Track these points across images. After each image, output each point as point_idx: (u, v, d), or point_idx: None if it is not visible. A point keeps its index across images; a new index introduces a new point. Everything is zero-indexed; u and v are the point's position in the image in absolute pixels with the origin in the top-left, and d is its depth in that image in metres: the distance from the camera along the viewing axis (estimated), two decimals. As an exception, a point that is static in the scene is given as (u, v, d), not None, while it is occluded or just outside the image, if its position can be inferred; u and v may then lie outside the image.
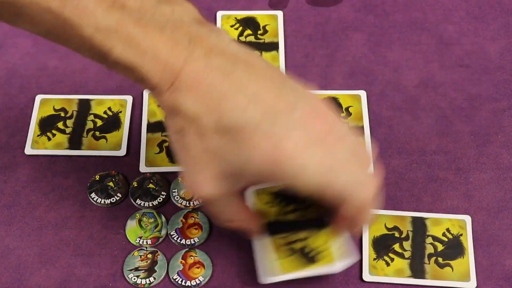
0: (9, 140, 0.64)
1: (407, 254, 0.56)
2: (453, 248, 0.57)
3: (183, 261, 0.57)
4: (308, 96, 0.47)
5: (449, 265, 0.55)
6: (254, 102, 0.45)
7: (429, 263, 0.56)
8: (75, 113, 0.65)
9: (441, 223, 0.58)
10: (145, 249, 0.58)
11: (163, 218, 0.59)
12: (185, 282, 0.56)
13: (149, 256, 0.57)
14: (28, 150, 0.63)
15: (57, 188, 0.61)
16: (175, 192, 0.60)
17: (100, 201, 0.60)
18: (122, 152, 0.63)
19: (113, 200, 0.60)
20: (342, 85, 0.67)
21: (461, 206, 0.60)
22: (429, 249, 0.56)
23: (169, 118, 0.47)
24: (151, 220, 0.59)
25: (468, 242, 0.57)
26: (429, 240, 0.56)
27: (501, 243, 0.58)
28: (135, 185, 0.61)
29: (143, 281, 0.56)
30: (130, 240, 0.58)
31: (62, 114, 0.65)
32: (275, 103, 0.45)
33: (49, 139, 0.63)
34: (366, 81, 0.67)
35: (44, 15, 0.43)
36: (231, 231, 0.58)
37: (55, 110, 0.65)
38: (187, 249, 0.57)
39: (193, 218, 0.59)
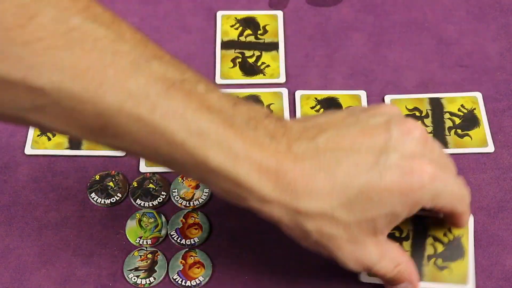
0: (9, 140, 0.64)
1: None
2: (452, 250, 0.57)
3: (183, 261, 0.57)
4: (386, 112, 0.48)
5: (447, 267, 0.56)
6: (357, 156, 0.44)
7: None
8: (75, 113, 0.65)
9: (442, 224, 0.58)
10: (145, 249, 0.58)
11: (163, 218, 0.59)
12: (185, 282, 0.56)
13: (149, 256, 0.57)
14: (28, 150, 0.63)
15: (57, 188, 0.61)
16: (175, 192, 0.60)
17: (100, 201, 0.60)
18: (122, 152, 0.63)
19: (113, 200, 0.60)
20: (342, 85, 0.67)
21: (461, 206, 0.60)
22: (429, 250, 0.56)
23: (294, 225, 0.45)
24: (151, 220, 0.59)
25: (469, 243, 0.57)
26: (430, 240, 0.57)
27: (501, 243, 0.58)
28: (135, 185, 0.61)
29: (143, 281, 0.56)
30: (130, 240, 0.58)
31: (62, 114, 0.65)
32: (371, 142, 0.45)
33: (49, 139, 0.63)
34: (366, 81, 0.67)
35: (133, 123, 0.41)
36: (231, 231, 0.58)
37: (55, 110, 0.65)
38: (187, 249, 0.57)
39: (193, 218, 0.59)
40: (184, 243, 0.58)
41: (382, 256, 0.48)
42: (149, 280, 0.56)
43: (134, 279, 0.56)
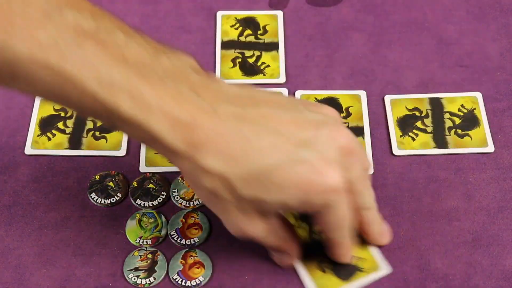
0: (9, 140, 0.64)
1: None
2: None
3: (183, 261, 0.57)
4: (324, 113, 0.48)
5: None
6: (278, 138, 0.44)
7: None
8: (75, 113, 0.65)
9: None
10: (145, 249, 0.58)
11: (163, 218, 0.59)
12: (185, 282, 0.56)
13: (149, 256, 0.57)
14: (28, 150, 0.63)
15: (57, 188, 0.61)
16: (175, 192, 0.60)
17: (100, 201, 0.60)
18: (122, 152, 0.63)
19: (113, 200, 0.60)
20: (342, 85, 0.67)
21: (461, 206, 0.60)
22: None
23: (194, 179, 0.45)
24: (151, 220, 0.59)
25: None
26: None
27: (501, 243, 0.58)
28: (135, 185, 0.61)
29: (143, 281, 0.56)
30: (130, 240, 0.58)
31: (62, 114, 0.65)
32: (297, 132, 0.45)
33: (49, 139, 0.63)
34: (366, 81, 0.67)
35: (43, 72, 0.41)
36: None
37: (55, 110, 0.65)
38: (187, 249, 0.57)
39: (193, 218, 0.59)
40: (184, 243, 0.58)
41: (269, 232, 0.48)
42: (149, 280, 0.56)
43: (134, 279, 0.56)
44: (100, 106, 0.42)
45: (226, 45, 0.70)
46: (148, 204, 0.60)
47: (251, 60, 0.69)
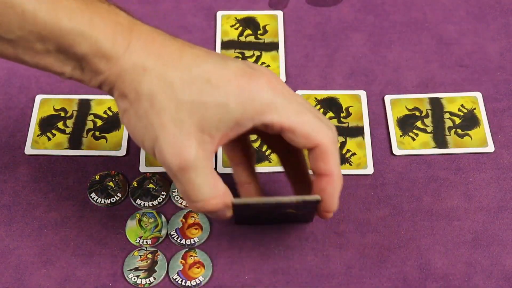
0: (9, 140, 0.64)
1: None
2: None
3: (183, 261, 0.57)
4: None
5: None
6: (209, 52, 0.46)
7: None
8: (75, 113, 0.65)
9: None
10: (145, 249, 0.58)
11: (163, 218, 0.59)
12: (185, 282, 0.56)
13: (149, 256, 0.57)
14: (28, 150, 0.63)
15: (57, 188, 0.61)
16: (175, 192, 0.60)
17: (100, 201, 0.60)
18: (122, 152, 0.63)
19: (113, 200, 0.60)
20: (342, 85, 0.67)
21: (461, 206, 0.60)
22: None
23: (132, 89, 0.44)
24: (151, 220, 0.59)
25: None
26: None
27: (501, 243, 0.58)
28: (135, 185, 0.61)
29: (143, 281, 0.56)
30: (130, 240, 0.58)
31: (62, 114, 0.65)
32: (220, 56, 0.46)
33: (49, 139, 0.63)
34: (366, 81, 0.67)
35: None
36: (231, 231, 0.58)
37: (55, 110, 0.65)
38: (187, 249, 0.57)
39: (193, 218, 0.59)
40: (184, 243, 0.58)
41: (204, 161, 0.45)
42: (149, 280, 0.56)
43: (134, 279, 0.56)
44: (42, 26, 0.43)
45: (226, 45, 0.70)
46: (148, 204, 0.60)
47: (251, 60, 0.69)
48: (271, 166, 0.62)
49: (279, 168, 0.60)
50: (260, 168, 0.62)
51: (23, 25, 0.43)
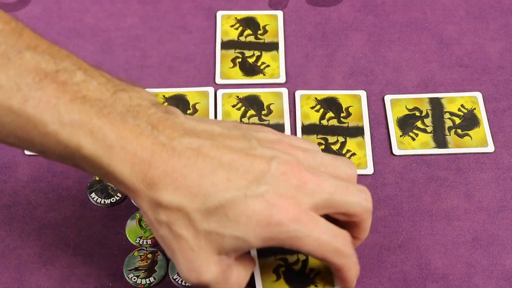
0: (9, 140, 0.64)
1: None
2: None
3: (183, 261, 0.57)
4: (278, 141, 0.48)
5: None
6: (232, 173, 0.44)
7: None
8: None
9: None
10: (145, 249, 0.58)
11: (163, 218, 0.59)
12: (185, 282, 0.56)
13: (149, 256, 0.57)
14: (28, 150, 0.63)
15: (57, 188, 0.61)
16: (175, 192, 0.60)
17: (100, 201, 0.60)
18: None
19: (113, 200, 0.60)
20: (342, 85, 0.67)
21: (461, 206, 0.60)
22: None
23: (152, 216, 0.45)
24: (151, 220, 0.59)
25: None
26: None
27: (501, 243, 0.58)
28: (135, 185, 0.61)
29: (143, 281, 0.56)
30: (130, 240, 0.58)
31: (62, 114, 0.65)
32: (252, 166, 0.45)
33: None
34: (366, 81, 0.67)
35: (5, 115, 0.42)
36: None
37: (55, 110, 0.65)
38: (187, 249, 0.57)
39: (193, 218, 0.59)
40: (184, 243, 0.58)
41: (222, 278, 0.46)
42: (149, 280, 0.56)
43: (134, 279, 0.56)
44: (63, 147, 0.43)
45: (226, 45, 0.70)
46: (148, 204, 0.60)
47: (251, 60, 0.69)
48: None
49: None
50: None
51: (44, 143, 0.43)
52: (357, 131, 0.64)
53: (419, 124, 0.64)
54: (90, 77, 0.44)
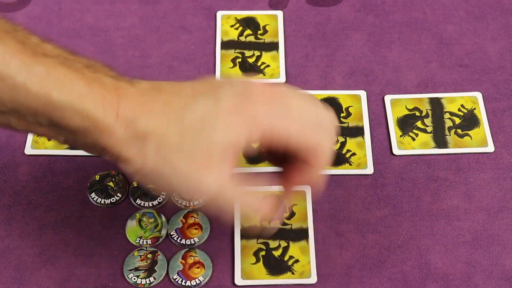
0: (9, 140, 0.64)
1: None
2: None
3: (183, 261, 0.57)
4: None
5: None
6: (197, 91, 0.46)
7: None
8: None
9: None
10: (145, 249, 0.58)
11: (163, 218, 0.59)
12: (185, 282, 0.56)
13: (149, 256, 0.57)
14: (28, 150, 0.63)
15: (57, 188, 0.61)
16: (175, 192, 0.60)
17: (100, 201, 0.60)
18: None
19: (113, 200, 0.60)
20: (342, 85, 0.67)
21: (461, 206, 0.60)
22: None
23: (135, 152, 0.45)
24: (151, 220, 0.59)
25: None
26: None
27: (501, 243, 0.58)
28: (135, 185, 0.61)
29: (143, 281, 0.56)
30: (130, 240, 0.58)
31: (62, 114, 0.65)
32: (213, 82, 0.47)
33: (49, 139, 0.63)
34: (366, 81, 0.67)
35: None
36: (231, 231, 0.58)
37: (55, 110, 0.65)
38: (187, 249, 0.57)
39: (193, 218, 0.59)
40: (184, 243, 0.58)
41: (221, 190, 0.46)
42: (149, 280, 0.56)
43: (134, 279, 0.56)
44: (33, 98, 0.43)
45: (226, 45, 0.70)
46: (148, 204, 0.60)
47: (251, 60, 0.69)
48: (271, 166, 0.62)
49: (280, 169, 0.60)
50: (260, 169, 0.62)
51: (14, 98, 0.43)
52: (357, 131, 0.64)
53: (419, 124, 0.64)
54: (45, 41, 0.45)
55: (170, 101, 0.45)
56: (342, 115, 0.65)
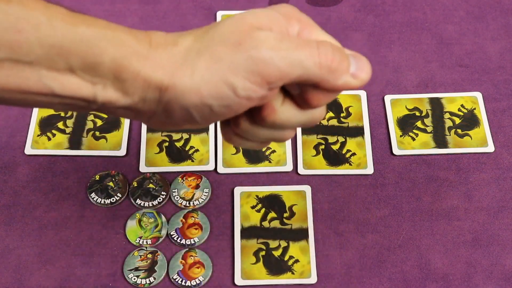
0: (9, 140, 0.64)
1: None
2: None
3: (183, 261, 0.57)
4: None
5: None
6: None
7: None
8: (75, 113, 0.65)
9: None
10: (145, 249, 0.58)
11: (163, 218, 0.59)
12: (185, 282, 0.56)
13: (149, 256, 0.57)
14: (28, 150, 0.63)
15: (57, 188, 0.61)
16: (175, 192, 0.60)
17: (100, 201, 0.60)
18: (122, 152, 0.63)
19: (113, 200, 0.60)
20: (342, 85, 0.67)
21: (461, 206, 0.60)
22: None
23: (182, 68, 0.44)
24: (151, 220, 0.59)
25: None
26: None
27: (501, 243, 0.58)
28: (135, 185, 0.61)
29: (143, 281, 0.56)
30: (130, 240, 0.58)
31: (62, 114, 0.65)
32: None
33: (49, 139, 0.63)
34: (366, 81, 0.67)
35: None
36: (231, 231, 0.58)
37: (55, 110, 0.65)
38: (187, 249, 0.57)
39: (193, 218, 0.59)
40: (184, 243, 0.58)
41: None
42: (149, 280, 0.56)
43: (134, 279, 0.56)
44: (60, 37, 0.42)
45: (226, 45, 0.70)
46: (148, 204, 0.60)
47: (251, 60, 0.68)
48: (271, 166, 0.62)
49: (279, 168, 0.60)
50: (260, 168, 0.62)
51: (41, 39, 0.42)
52: (357, 131, 0.64)
53: (419, 124, 0.64)
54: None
55: (191, 33, 0.44)
56: (342, 115, 0.65)
